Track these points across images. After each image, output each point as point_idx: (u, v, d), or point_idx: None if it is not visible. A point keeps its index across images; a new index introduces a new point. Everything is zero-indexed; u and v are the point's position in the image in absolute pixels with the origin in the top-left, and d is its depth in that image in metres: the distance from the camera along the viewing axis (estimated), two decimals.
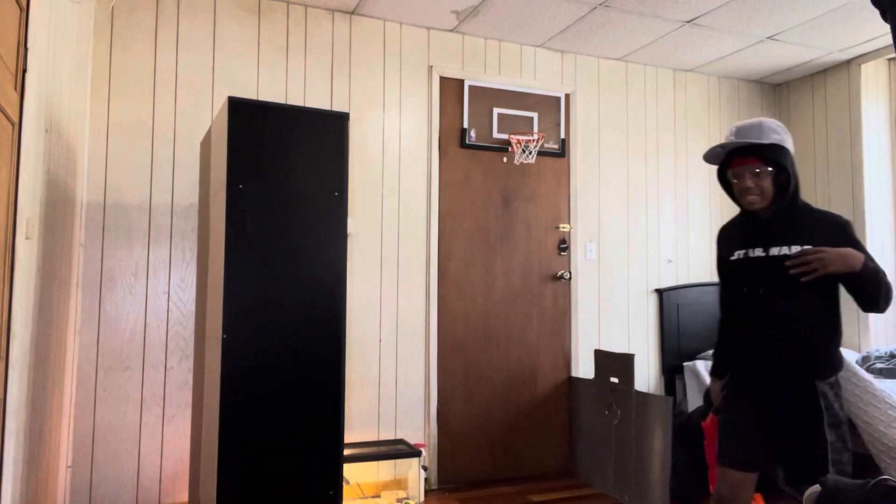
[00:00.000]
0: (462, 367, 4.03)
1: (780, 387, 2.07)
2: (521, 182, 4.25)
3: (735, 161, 2.10)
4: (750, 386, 2.14)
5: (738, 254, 2.17)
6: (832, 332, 2.07)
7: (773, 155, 2.05)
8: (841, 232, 2.05)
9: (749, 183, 2.06)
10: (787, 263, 2.00)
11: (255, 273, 2.32)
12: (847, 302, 4.52)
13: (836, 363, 2.08)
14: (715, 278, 4.79)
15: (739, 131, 2.10)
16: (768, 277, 2.08)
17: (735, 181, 2.12)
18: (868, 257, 1.99)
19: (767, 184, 2.06)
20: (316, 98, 3.77)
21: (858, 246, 2.04)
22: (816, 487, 2.53)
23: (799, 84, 4.95)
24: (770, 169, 2.06)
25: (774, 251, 2.08)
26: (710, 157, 2.20)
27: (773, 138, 2.07)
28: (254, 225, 2.33)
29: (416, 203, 3.99)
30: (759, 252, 2.11)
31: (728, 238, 2.28)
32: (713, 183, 4.86)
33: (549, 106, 4.37)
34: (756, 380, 2.12)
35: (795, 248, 2.05)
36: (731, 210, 4.91)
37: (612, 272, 4.47)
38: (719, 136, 4.93)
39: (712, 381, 2.34)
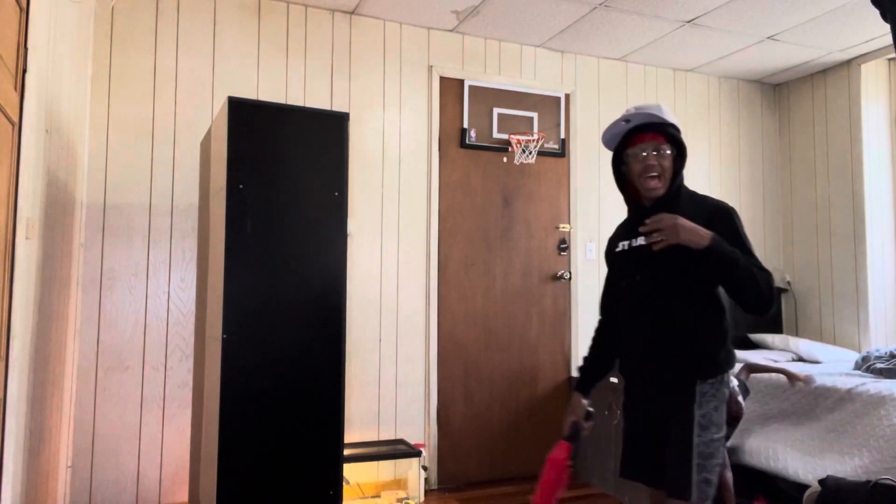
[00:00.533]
0: (462, 367, 4.03)
1: (660, 387, 1.92)
2: (521, 182, 4.25)
3: (637, 137, 1.95)
4: (634, 388, 2.02)
5: (623, 245, 2.05)
6: (714, 329, 1.93)
7: (674, 135, 1.95)
8: (724, 219, 1.93)
9: (652, 161, 1.91)
10: (641, 229, 1.88)
11: (255, 273, 2.32)
12: (848, 301, 4.53)
13: (722, 363, 1.93)
14: None
15: (641, 108, 1.98)
16: (648, 267, 1.94)
17: (635, 162, 1.95)
18: (745, 250, 1.91)
19: (668, 164, 1.93)
20: (316, 98, 3.77)
21: (740, 236, 1.95)
22: (817, 487, 2.53)
23: (799, 84, 4.95)
24: (669, 152, 1.93)
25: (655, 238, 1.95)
26: (609, 136, 2.04)
27: (673, 120, 1.98)
28: (254, 225, 2.33)
29: (416, 203, 3.98)
30: (640, 241, 1.97)
31: (617, 232, 2.15)
32: (713, 183, 4.86)
33: (549, 106, 4.37)
34: (638, 381, 2.00)
35: None
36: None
37: None
38: (719, 136, 4.92)
39: (573, 396, 2.16)
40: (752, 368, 3.61)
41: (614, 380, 3.74)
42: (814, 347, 4.31)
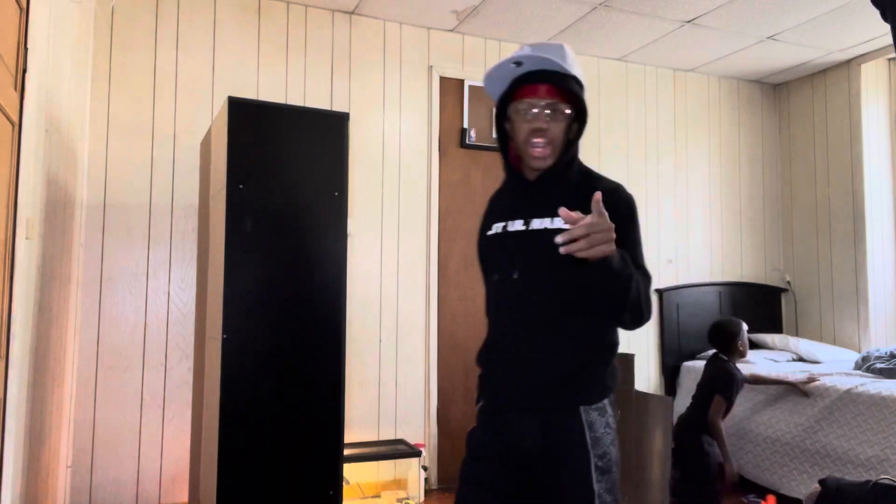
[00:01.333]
0: (462, 367, 4.03)
1: (532, 411, 1.48)
2: None
3: (527, 89, 1.49)
4: (496, 410, 1.53)
5: (497, 227, 1.58)
6: (601, 340, 1.56)
7: (576, 92, 1.49)
8: (623, 207, 1.50)
9: (543, 122, 1.47)
10: (558, 239, 1.26)
11: (255, 273, 2.32)
12: (848, 301, 4.53)
13: (609, 382, 1.59)
14: (715, 278, 4.79)
15: (538, 48, 1.50)
16: (526, 259, 1.50)
17: (521, 120, 1.50)
18: (637, 250, 1.51)
19: (559, 131, 1.49)
20: (316, 98, 3.77)
21: (636, 230, 1.53)
22: (817, 487, 2.53)
23: (799, 84, 4.95)
24: (569, 112, 1.50)
25: (536, 224, 1.50)
26: (493, 80, 1.55)
27: (576, 71, 1.51)
28: (254, 225, 2.33)
29: (416, 203, 3.98)
30: (518, 225, 1.53)
31: (492, 209, 1.71)
32: (713, 183, 4.86)
33: None
34: (503, 400, 1.52)
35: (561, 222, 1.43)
36: (732, 209, 4.91)
37: None
38: (719, 136, 4.92)
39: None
40: (756, 379, 3.60)
41: None
42: (814, 347, 4.32)
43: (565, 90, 1.49)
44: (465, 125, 4.12)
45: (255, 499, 2.27)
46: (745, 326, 3.29)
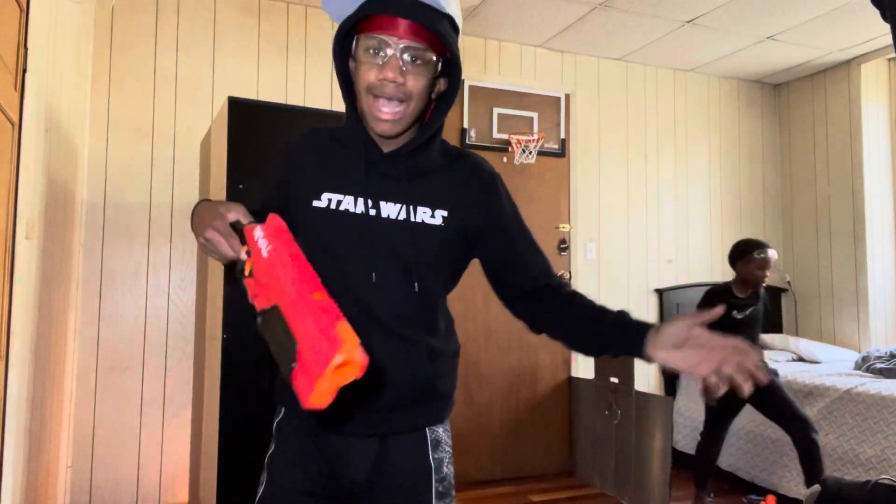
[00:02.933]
0: (462, 367, 4.02)
1: (362, 433, 1.21)
2: (521, 182, 4.24)
3: (379, 20, 1.10)
4: (310, 429, 1.23)
5: (329, 199, 1.20)
6: (454, 345, 1.32)
7: (448, 37, 1.12)
8: (508, 195, 1.34)
9: (395, 73, 1.09)
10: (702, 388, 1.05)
11: None
12: (848, 302, 4.53)
13: (454, 394, 1.31)
14: (715, 278, 4.79)
15: None
16: (379, 256, 1.18)
17: (368, 65, 1.12)
18: (534, 241, 1.41)
19: (420, 87, 1.12)
20: (316, 98, 3.77)
21: (522, 220, 1.38)
22: (817, 487, 2.53)
23: (799, 84, 4.95)
24: (436, 58, 1.13)
25: (390, 210, 1.19)
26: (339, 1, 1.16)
27: (452, 9, 1.15)
28: None
29: None
30: (360, 206, 1.19)
31: (314, 153, 1.27)
32: (713, 183, 4.86)
33: (549, 106, 4.37)
34: (327, 420, 1.20)
35: (437, 213, 1.20)
36: (732, 209, 4.91)
37: (612, 272, 4.47)
38: (720, 136, 4.92)
39: None
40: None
41: (615, 379, 3.74)
42: (814, 347, 4.32)
43: (435, 32, 1.10)
44: (465, 125, 4.12)
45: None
46: (764, 253, 3.23)
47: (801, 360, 4.32)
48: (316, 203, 1.21)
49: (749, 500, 3.60)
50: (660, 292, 4.56)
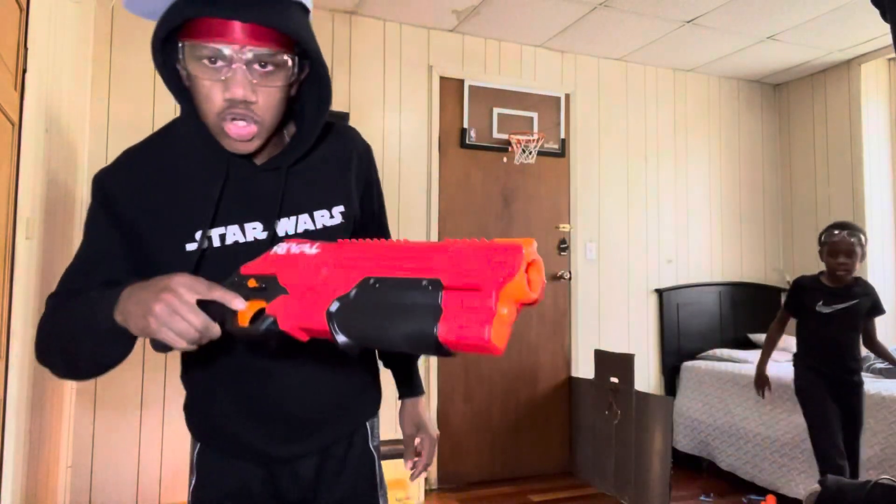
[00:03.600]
0: (462, 367, 4.03)
1: (306, 452, 1.17)
2: (521, 182, 4.24)
3: (208, 24, 0.92)
4: (234, 464, 1.16)
5: (207, 237, 1.02)
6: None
7: (302, 30, 0.94)
8: (375, 166, 1.25)
9: (246, 93, 0.92)
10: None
11: None
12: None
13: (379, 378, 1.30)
14: (715, 278, 4.79)
15: None
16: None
17: (206, 76, 0.93)
18: (385, 215, 1.31)
19: (276, 100, 0.96)
20: None
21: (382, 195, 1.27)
22: (816, 487, 2.53)
23: (799, 84, 4.95)
24: (288, 58, 0.95)
25: (287, 226, 1.06)
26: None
27: None
28: None
29: (416, 203, 3.98)
30: (252, 233, 1.03)
31: (158, 186, 1.03)
32: (713, 183, 4.86)
33: (549, 106, 4.37)
34: (259, 447, 1.14)
35: (334, 211, 1.11)
36: (732, 209, 4.91)
37: (612, 272, 4.47)
38: (720, 136, 4.92)
39: None
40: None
41: (615, 379, 3.74)
42: None
43: (285, 30, 0.91)
44: (465, 125, 4.12)
45: None
46: (834, 237, 3.02)
47: None
48: (191, 246, 0.99)
49: (749, 500, 3.60)
50: (660, 292, 4.56)
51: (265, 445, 1.13)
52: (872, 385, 3.32)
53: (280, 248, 0.80)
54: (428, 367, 3.93)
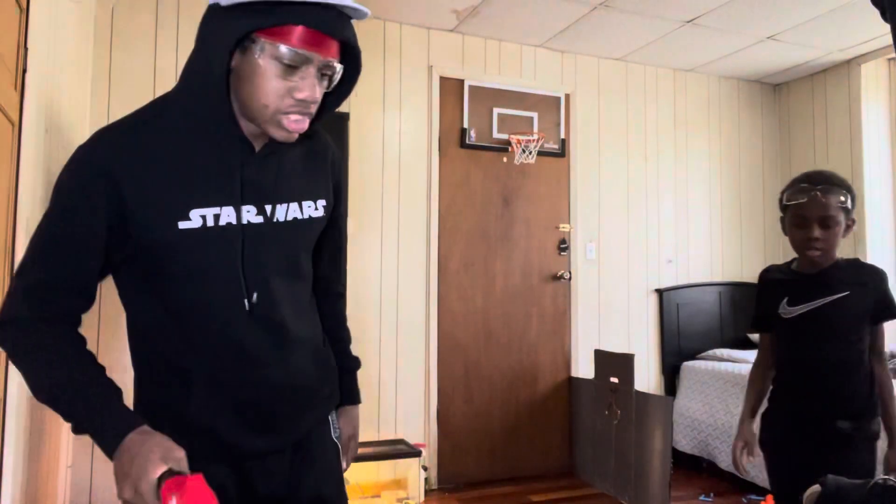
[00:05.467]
0: (462, 367, 4.03)
1: (281, 446, 1.18)
2: (521, 182, 4.24)
3: (307, 38, 0.99)
4: (220, 456, 1.13)
5: (202, 216, 1.03)
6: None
7: (357, 47, 1.13)
8: (341, 171, 1.29)
9: (315, 91, 1.03)
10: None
11: None
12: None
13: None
14: (715, 278, 4.79)
15: None
16: (277, 263, 1.12)
17: (279, 74, 0.99)
18: (345, 221, 1.41)
19: (321, 97, 1.08)
20: None
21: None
22: (816, 487, 2.53)
23: (799, 84, 4.95)
24: (338, 72, 1.08)
25: (279, 212, 1.11)
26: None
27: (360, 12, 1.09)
28: None
29: (416, 203, 3.98)
30: (248, 216, 1.07)
31: (151, 163, 1.02)
32: (713, 183, 4.86)
33: (549, 106, 4.37)
34: (240, 442, 1.13)
35: (318, 204, 1.17)
36: (732, 209, 4.91)
37: (612, 272, 4.47)
38: (720, 136, 4.92)
39: None
40: None
41: (615, 379, 3.74)
42: None
43: (354, 47, 1.08)
44: (465, 125, 4.12)
45: None
46: (802, 195, 1.87)
47: None
48: (184, 224, 1.01)
49: (749, 500, 3.60)
50: (660, 292, 4.56)
51: (241, 439, 1.12)
52: None
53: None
54: (428, 367, 3.93)
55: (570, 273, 4.33)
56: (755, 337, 4.63)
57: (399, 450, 3.54)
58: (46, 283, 1.01)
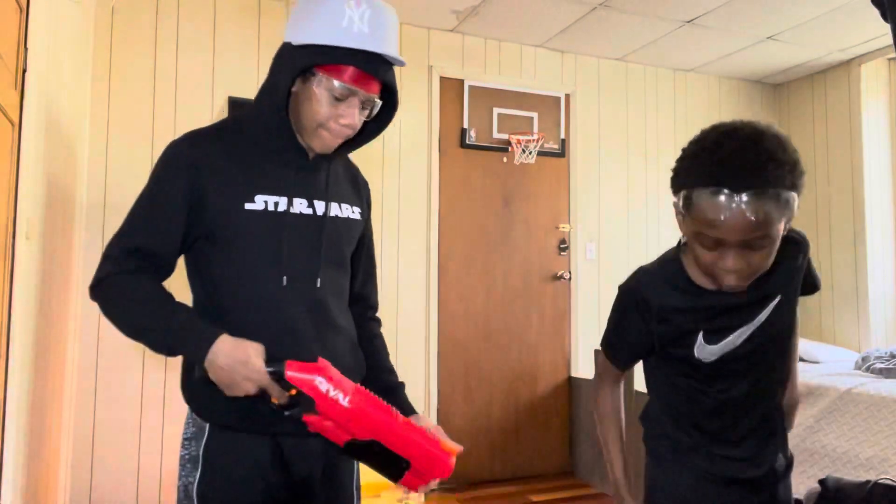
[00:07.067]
0: (462, 367, 4.03)
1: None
2: (521, 182, 4.25)
3: (355, 74, 1.22)
4: (247, 446, 1.26)
5: (264, 201, 1.25)
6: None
7: (395, 85, 1.35)
8: (369, 194, 1.52)
9: (355, 119, 1.26)
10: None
11: None
12: (848, 301, 4.53)
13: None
14: None
15: (381, 28, 1.24)
16: (325, 252, 1.30)
17: (328, 103, 1.23)
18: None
19: (361, 122, 1.32)
20: None
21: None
22: (816, 487, 2.53)
23: (799, 84, 4.95)
24: (378, 106, 1.32)
25: (321, 208, 1.32)
26: (325, 28, 1.19)
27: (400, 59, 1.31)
28: None
29: (416, 203, 3.99)
30: (298, 206, 1.28)
31: (227, 157, 1.26)
32: None
33: (549, 106, 4.37)
34: (283, 423, 1.21)
35: (354, 209, 1.40)
36: None
37: (612, 272, 4.47)
38: None
39: None
40: None
41: None
42: (814, 347, 4.32)
43: (393, 87, 1.32)
44: (465, 125, 4.12)
45: None
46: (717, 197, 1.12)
47: (801, 360, 4.32)
48: (249, 206, 1.24)
49: None
50: None
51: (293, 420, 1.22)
52: (873, 385, 3.32)
53: (322, 386, 1.10)
54: (428, 367, 3.93)
55: (570, 273, 4.34)
56: None
57: None
58: (139, 247, 1.22)
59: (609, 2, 3.66)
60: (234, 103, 2.37)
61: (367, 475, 1.45)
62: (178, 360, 1.24)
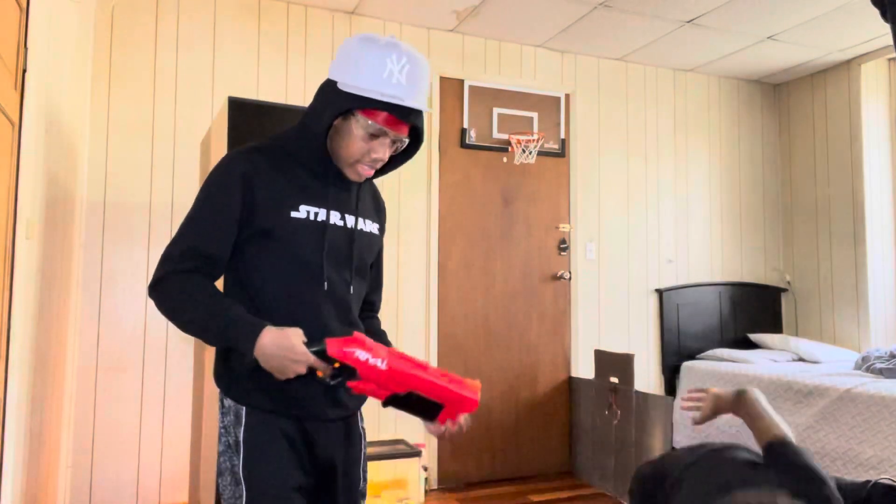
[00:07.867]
0: (462, 367, 4.03)
1: (337, 417, 1.49)
2: (521, 182, 4.25)
3: (390, 119, 1.40)
4: (281, 427, 1.42)
5: (307, 211, 1.44)
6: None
7: (422, 128, 1.50)
8: (385, 213, 1.69)
9: (384, 155, 1.45)
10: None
11: None
12: (848, 301, 4.53)
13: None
14: (715, 278, 4.79)
15: (417, 81, 1.41)
16: (354, 260, 1.50)
17: (364, 140, 1.41)
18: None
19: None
20: None
21: None
22: None
23: (799, 84, 4.95)
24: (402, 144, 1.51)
25: (351, 221, 1.51)
26: (370, 78, 1.37)
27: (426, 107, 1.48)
28: None
29: (416, 203, 3.98)
30: (334, 218, 1.47)
31: (278, 170, 1.44)
32: (713, 183, 4.86)
33: (549, 106, 4.37)
34: (314, 409, 1.44)
35: (374, 225, 1.58)
36: (732, 209, 4.91)
37: (612, 272, 4.47)
38: (720, 136, 4.92)
39: None
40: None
41: (615, 379, 3.74)
42: (814, 347, 4.32)
43: (421, 130, 1.49)
44: (465, 125, 4.12)
45: None
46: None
47: (801, 360, 4.32)
48: (294, 214, 1.42)
49: None
50: (660, 292, 4.56)
51: (316, 405, 1.43)
52: (873, 385, 3.32)
53: (361, 356, 1.27)
54: None
55: (570, 273, 4.33)
56: (755, 337, 4.63)
57: (399, 450, 3.53)
58: (195, 247, 1.35)
59: (609, 2, 3.66)
60: (234, 103, 2.37)
61: (372, 476, 1.49)
62: (177, 361, 1.25)
